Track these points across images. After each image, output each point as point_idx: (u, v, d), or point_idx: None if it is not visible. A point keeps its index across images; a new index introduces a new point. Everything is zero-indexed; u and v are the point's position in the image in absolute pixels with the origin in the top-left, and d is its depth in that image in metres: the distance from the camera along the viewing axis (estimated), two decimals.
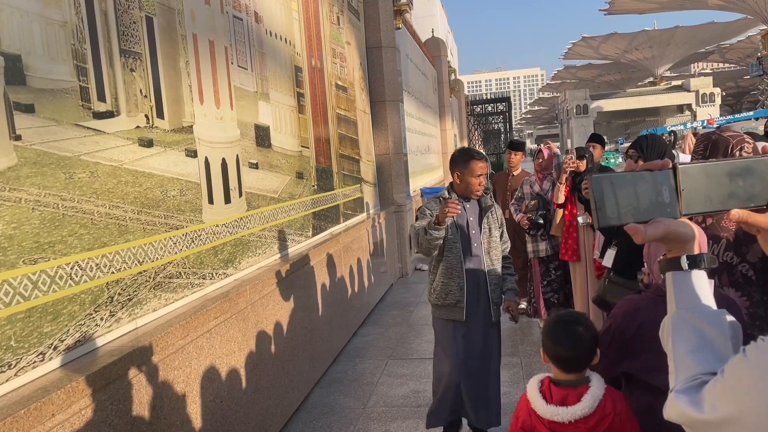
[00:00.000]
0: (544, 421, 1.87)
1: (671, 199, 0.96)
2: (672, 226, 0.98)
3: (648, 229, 0.97)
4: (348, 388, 4.53)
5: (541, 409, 1.87)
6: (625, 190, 0.96)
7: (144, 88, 2.85)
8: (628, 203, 0.96)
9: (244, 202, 3.85)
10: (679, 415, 0.88)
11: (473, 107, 28.70)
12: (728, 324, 0.96)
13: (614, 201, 0.96)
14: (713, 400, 0.82)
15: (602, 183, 0.96)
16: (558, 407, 1.85)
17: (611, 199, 0.96)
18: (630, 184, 0.97)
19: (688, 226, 1.01)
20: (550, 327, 1.99)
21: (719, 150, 2.17)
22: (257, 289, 3.61)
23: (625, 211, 0.96)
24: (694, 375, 0.90)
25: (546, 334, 1.98)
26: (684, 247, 1.01)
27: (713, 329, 0.94)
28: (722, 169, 0.95)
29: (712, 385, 0.84)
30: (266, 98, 4.37)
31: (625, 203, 0.96)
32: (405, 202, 8.53)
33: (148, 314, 2.76)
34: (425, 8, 29.13)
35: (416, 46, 13.62)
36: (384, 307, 6.86)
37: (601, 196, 0.96)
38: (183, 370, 2.74)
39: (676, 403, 0.89)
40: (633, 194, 0.96)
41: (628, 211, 0.96)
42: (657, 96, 55.57)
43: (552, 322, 2.00)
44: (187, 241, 3.12)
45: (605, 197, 0.96)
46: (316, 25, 5.78)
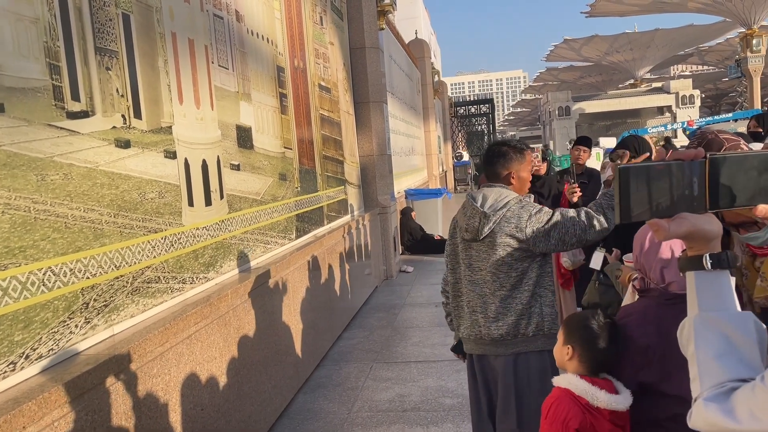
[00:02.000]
0: (604, 414, 1.79)
1: (699, 193, 0.89)
2: (698, 223, 0.92)
3: (671, 226, 0.91)
4: (332, 392, 4.46)
5: (605, 400, 1.78)
6: (652, 182, 0.89)
7: (120, 88, 2.77)
8: (653, 197, 0.89)
9: (225, 204, 3.77)
10: (708, 425, 0.83)
11: (457, 109, 28.78)
12: (754, 327, 0.90)
13: (640, 195, 0.89)
14: (754, 410, 0.77)
15: (629, 174, 0.88)
16: (612, 395, 1.78)
17: (637, 193, 0.88)
18: (660, 175, 0.89)
19: (714, 222, 0.94)
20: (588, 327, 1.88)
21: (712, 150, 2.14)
22: (239, 294, 3.53)
23: (649, 206, 0.89)
24: (721, 382, 0.85)
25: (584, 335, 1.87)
26: (707, 245, 0.95)
27: (739, 333, 0.89)
28: (752, 163, 0.88)
29: (749, 394, 0.79)
30: (248, 98, 4.29)
31: (650, 197, 0.89)
32: (389, 203, 8.48)
33: (126, 320, 2.68)
34: (408, 10, 29.13)
35: (400, 47, 13.58)
36: (369, 310, 6.80)
37: (627, 189, 0.88)
38: (162, 377, 2.66)
39: (704, 412, 0.84)
40: (661, 187, 0.89)
41: (653, 205, 0.89)
42: (638, 98, 56.12)
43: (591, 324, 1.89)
44: (166, 245, 3.04)
45: (631, 190, 0.88)
46: (298, 25, 5.71)
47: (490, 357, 2.66)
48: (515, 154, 2.68)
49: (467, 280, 2.70)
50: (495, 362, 2.64)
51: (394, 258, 8.59)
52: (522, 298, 2.55)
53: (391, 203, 8.64)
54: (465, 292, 2.73)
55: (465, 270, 2.71)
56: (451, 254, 2.82)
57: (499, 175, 2.68)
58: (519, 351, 2.57)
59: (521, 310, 2.55)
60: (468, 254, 2.68)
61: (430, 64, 19.35)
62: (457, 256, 2.77)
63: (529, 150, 2.81)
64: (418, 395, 4.26)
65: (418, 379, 4.56)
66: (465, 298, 2.73)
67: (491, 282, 2.59)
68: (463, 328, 2.75)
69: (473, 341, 2.70)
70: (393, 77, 11.83)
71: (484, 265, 2.61)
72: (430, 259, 9.64)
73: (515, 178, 2.68)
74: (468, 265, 2.68)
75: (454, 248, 2.79)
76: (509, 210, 2.55)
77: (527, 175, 2.74)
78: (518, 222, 2.51)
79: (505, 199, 2.57)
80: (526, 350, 2.57)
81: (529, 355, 2.57)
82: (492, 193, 2.61)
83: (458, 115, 28.57)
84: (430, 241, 10.29)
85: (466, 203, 2.69)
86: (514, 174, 2.67)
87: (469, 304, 2.70)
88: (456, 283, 2.80)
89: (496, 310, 2.58)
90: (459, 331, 2.80)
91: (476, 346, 2.70)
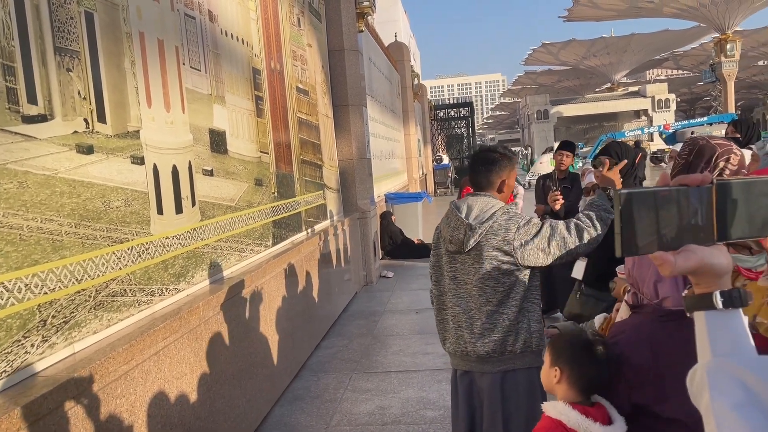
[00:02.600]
0: None
1: (706, 222, 0.80)
2: (706, 256, 0.83)
3: (678, 260, 0.81)
4: (310, 405, 4.32)
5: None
6: (654, 209, 0.79)
7: (83, 90, 2.61)
8: (657, 226, 0.79)
9: (197, 211, 3.62)
10: None
11: (436, 112, 28.79)
12: None
13: (644, 224, 0.78)
14: None
15: (632, 201, 0.78)
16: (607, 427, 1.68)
17: (641, 222, 0.78)
18: (663, 202, 0.79)
19: (723, 255, 0.85)
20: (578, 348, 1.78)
21: (703, 157, 2.06)
22: (212, 305, 3.38)
23: (655, 238, 0.79)
24: None
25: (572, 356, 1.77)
26: (717, 281, 0.85)
27: (759, 380, 0.78)
28: (762, 189, 0.79)
29: None
30: (222, 101, 4.14)
31: (654, 226, 0.79)
32: (369, 208, 8.35)
33: (88, 337, 2.52)
34: (388, 13, 29.08)
35: (379, 50, 13.48)
36: (348, 318, 6.66)
37: (630, 218, 0.78)
38: (127, 398, 2.51)
39: None
40: (666, 215, 0.79)
41: (658, 236, 0.79)
42: (615, 102, 56.80)
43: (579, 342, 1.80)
44: (132, 256, 2.88)
45: (635, 219, 0.78)
46: (275, 26, 5.57)
47: (475, 374, 2.55)
48: (507, 161, 2.58)
49: (452, 294, 2.57)
50: (481, 379, 2.53)
51: (374, 263, 8.47)
52: (509, 314, 2.44)
53: (371, 207, 8.52)
54: (450, 306, 2.60)
55: (450, 283, 2.58)
56: (435, 266, 2.68)
57: (492, 183, 2.56)
58: (506, 368, 2.46)
59: (508, 326, 2.44)
60: (453, 266, 2.56)
61: (409, 67, 19.30)
62: (442, 269, 2.64)
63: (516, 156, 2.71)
64: (398, 407, 4.14)
65: (399, 390, 4.44)
66: (450, 312, 2.60)
67: (477, 296, 2.47)
68: (448, 342, 2.63)
69: (459, 357, 2.59)
70: (372, 80, 11.72)
71: (469, 279, 2.49)
72: (411, 263, 9.54)
73: (506, 186, 2.58)
74: (453, 278, 2.56)
75: (438, 260, 2.66)
76: (495, 222, 2.43)
77: (513, 183, 2.65)
78: (505, 234, 2.41)
79: (491, 210, 2.46)
80: (514, 367, 2.46)
81: (517, 372, 2.46)
82: (477, 202, 2.49)
83: (438, 119, 28.57)
84: (410, 245, 10.19)
85: (450, 213, 2.55)
86: (506, 182, 2.57)
87: (454, 319, 2.57)
88: (441, 296, 2.67)
89: (482, 326, 2.47)
90: (444, 345, 2.68)
91: (462, 362, 2.59)
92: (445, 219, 2.60)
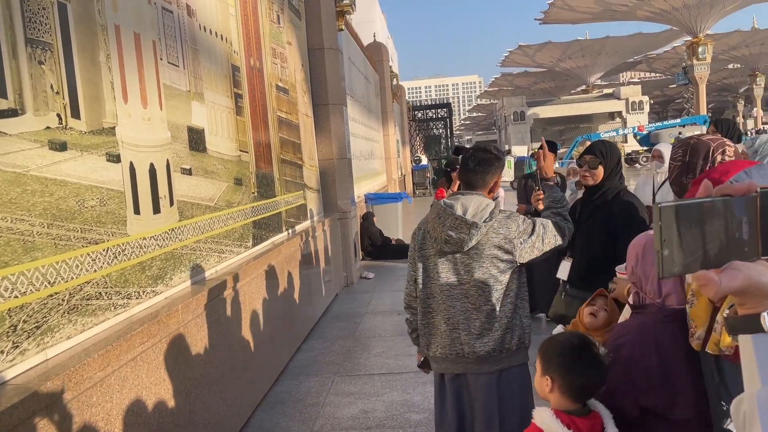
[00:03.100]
0: None
1: (750, 236, 0.73)
2: (753, 274, 0.75)
3: (723, 279, 0.73)
4: (292, 410, 4.22)
5: None
6: (697, 223, 0.71)
7: (56, 84, 2.49)
8: (700, 242, 0.72)
9: (175, 211, 3.51)
10: None
11: (415, 113, 28.81)
12: None
13: (687, 240, 0.71)
14: None
15: (674, 215, 0.70)
16: None
17: (683, 238, 0.71)
18: (706, 215, 0.72)
19: None
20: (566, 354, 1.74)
21: (699, 154, 2.02)
22: (191, 308, 3.27)
23: (698, 255, 0.71)
24: None
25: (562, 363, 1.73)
26: (765, 301, 0.76)
27: None
28: None
29: None
30: (200, 98, 4.03)
31: (696, 242, 0.71)
32: (350, 208, 8.27)
33: (61, 343, 2.40)
34: (365, 13, 28.98)
35: (358, 49, 13.41)
36: (329, 319, 6.57)
37: (672, 234, 0.70)
38: (103, 406, 2.40)
39: None
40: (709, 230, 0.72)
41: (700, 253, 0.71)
42: (590, 103, 57.52)
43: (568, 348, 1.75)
44: (108, 257, 2.76)
45: (674, 235, 0.70)
46: (254, 23, 5.47)
47: (469, 376, 2.49)
48: (499, 162, 2.58)
49: (445, 295, 2.50)
50: (476, 381, 2.48)
51: (354, 264, 8.39)
52: (506, 312, 2.44)
53: (352, 208, 8.45)
54: (441, 308, 2.52)
55: (442, 284, 2.51)
56: (421, 268, 2.59)
57: (487, 183, 2.54)
58: (503, 367, 2.45)
59: (506, 324, 2.44)
60: (446, 267, 2.49)
61: (388, 67, 19.26)
62: (429, 270, 2.56)
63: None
64: (382, 411, 4.07)
65: (382, 393, 4.37)
66: (441, 315, 2.52)
67: (476, 296, 2.44)
68: (435, 346, 2.54)
69: (452, 360, 2.51)
70: (352, 80, 11.65)
71: (467, 278, 2.45)
72: (392, 264, 9.48)
73: (496, 186, 2.58)
74: (446, 279, 2.50)
75: (425, 261, 2.57)
76: (497, 220, 2.43)
77: (500, 183, 2.66)
78: (507, 233, 2.42)
79: (488, 208, 2.45)
80: (509, 365, 2.46)
81: (512, 370, 2.46)
82: (472, 202, 2.46)
83: (416, 119, 28.59)
84: (389, 246, 10.13)
85: (444, 212, 2.47)
86: (497, 182, 2.57)
87: (449, 321, 2.50)
88: (427, 298, 2.58)
89: (481, 325, 2.43)
90: (429, 349, 2.59)
91: (455, 365, 2.51)
92: (436, 219, 2.51)
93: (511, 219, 2.46)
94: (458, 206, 2.45)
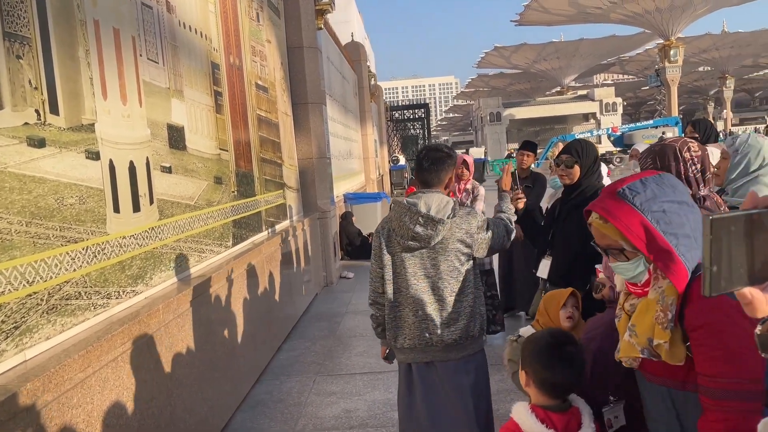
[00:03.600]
0: None
1: None
2: None
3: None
4: (273, 410, 4.19)
5: None
6: (747, 236, 0.68)
7: (34, 79, 2.44)
8: (750, 256, 0.68)
9: (155, 210, 3.46)
10: None
11: (392, 113, 28.82)
12: None
13: (735, 255, 0.67)
14: None
15: (722, 229, 0.67)
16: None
17: (731, 253, 0.67)
18: (756, 227, 0.68)
19: None
20: (541, 351, 1.76)
21: (668, 156, 2.08)
22: (171, 308, 3.23)
23: (745, 269, 0.68)
24: None
25: (537, 360, 1.75)
26: None
27: None
28: None
29: None
30: (180, 96, 3.98)
31: (745, 256, 0.68)
32: (329, 208, 8.25)
33: (41, 343, 2.35)
34: (342, 13, 28.88)
35: (337, 49, 13.37)
36: (309, 319, 6.54)
37: (719, 248, 0.67)
38: (83, 408, 2.35)
39: None
40: (758, 244, 0.68)
41: (747, 267, 0.68)
42: (564, 105, 58.16)
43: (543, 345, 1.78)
44: (88, 256, 2.71)
45: (724, 249, 0.67)
46: (234, 20, 5.42)
47: (437, 363, 2.64)
48: (451, 159, 2.72)
49: (413, 289, 2.63)
50: (444, 367, 2.63)
51: (334, 264, 8.36)
52: (469, 301, 2.63)
53: (331, 207, 8.42)
54: (410, 301, 2.65)
55: (410, 279, 2.64)
56: (387, 264, 2.70)
57: (442, 180, 2.68)
58: (468, 353, 2.63)
59: (469, 312, 2.62)
60: (413, 262, 2.63)
61: (366, 67, 19.22)
62: (397, 266, 2.69)
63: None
64: (365, 410, 4.06)
65: (365, 393, 4.36)
66: (410, 307, 2.65)
67: (442, 288, 2.60)
68: (403, 338, 2.68)
69: (420, 350, 2.65)
70: (331, 79, 11.61)
71: (433, 272, 2.61)
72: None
73: (451, 182, 2.73)
74: (413, 274, 2.64)
75: (392, 258, 2.69)
76: (459, 216, 2.61)
77: (453, 180, 2.80)
78: (468, 227, 2.61)
79: (449, 205, 2.60)
80: (474, 351, 2.65)
81: (476, 355, 2.66)
82: (434, 199, 2.60)
83: (394, 119, 28.61)
84: (368, 245, 10.11)
85: (407, 210, 2.59)
86: (452, 178, 2.73)
87: (417, 313, 2.63)
88: (395, 293, 2.71)
89: (448, 315, 2.60)
90: (396, 341, 2.72)
91: (424, 354, 2.66)
92: (399, 217, 2.62)
93: (471, 215, 2.65)
94: (422, 204, 2.57)
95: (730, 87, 55.04)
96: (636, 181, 1.51)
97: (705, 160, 2.15)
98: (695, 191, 2.13)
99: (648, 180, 1.51)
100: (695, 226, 1.46)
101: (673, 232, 1.44)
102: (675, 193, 1.51)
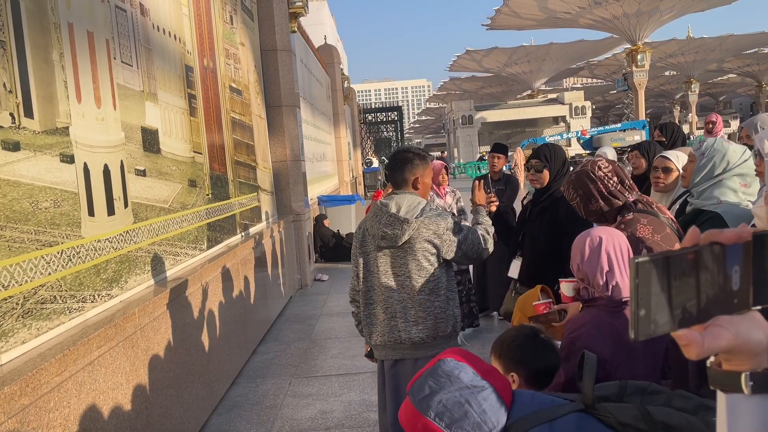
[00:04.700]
0: None
1: (741, 286, 0.64)
2: (741, 332, 0.67)
3: (707, 339, 0.66)
4: (249, 412, 4.20)
5: None
6: (680, 277, 0.63)
7: (8, 82, 2.43)
8: (682, 298, 0.63)
9: (130, 213, 3.45)
10: None
11: (365, 116, 28.88)
12: None
13: (666, 296, 0.62)
14: None
15: (650, 271, 0.62)
16: None
17: (663, 294, 0.62)
18: (691, 268, 0.63)
19: (762, 326, 0.69)
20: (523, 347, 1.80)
21: (584, 181, 2.24)
22: (147, 311, 3.23)
23: (678, 311, 0.63)
24: None
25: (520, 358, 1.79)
26: (752, 359, 0.69)
27: None
28: None
29: None
30: (154, 99, 3.97)
31: (678, 298, 0.63)
32: (303, 210, 8.26)
33: (16, 347, 2.34)
34: (315, 16, 28.86)
35: (310, 51, 13.38)
36: (284, 322, 6.55)
37: (648, 292, 0.61)
38: (60, 411, 2.35)
39: None
40: (692, 283, 0.63)
41: (681, 310, 0.63)
42: (535, 108, 58.84)
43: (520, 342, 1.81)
44: (63, 260, 2.70)
45: (652, 293, 0.62)
46: (207, 23, 5.41)
47: (407, 361, 2.71)
48: (420, 160, 2.79)
49: (384, 287, 2.73)
50: (413, 365, 2.66)
51: (308, 266, 8.37)
52: (439, 302, 2.69)
53: (306, 210, 8.43)
54: (380, 299, 2.75)
55: (381, 277, 2.73)
56: (362, 264, 2.81)
57: (407, 181, 2.77)
58: (437, 352, 2.59)
59: (439, 313, 2.68)
60: (384, 261, 2.73)
61: (340, 69, 19.26)
62: (369, 265, 2.79)
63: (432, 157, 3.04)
64: (341, 411, 4.10)
65: (340, 394, 4.39)
66: (381, 305, 2.75)
67: (410, 287, 2.68)
68: (376, 335, 2.76)
69: (390, 347, 2.73)
70: (304, 81, 11.61)
71: (402, 271, 2.70)
72: (345, 266, 9.49)
73: (420, 184, 2.78)
74: (384, 272, 2.73)
75: (366, 257, 2.80)
76: (427, 216, 2.67)
77: (429, 181, 2.86)
78: (437, 228, 2.66)
79: (419, 206, 2.67)
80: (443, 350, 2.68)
81: None
82: (404, 199, 2.69)
83: (367, 122, 28.68)
84: (342, 247, 10.13)
85: (379, 211, 2.72)
86: (420, 179, 2.77)
87: (387, 311, 2.72)
88: (368, 291, 2.81)
89: (416, 314, 2.67)
90: (371, 338, 2.82)
91: (393, 351, 2.74)
92: (373, 217, 2.75)
93: (441, 217, 2.69)
94: (392, 205, 2.68)
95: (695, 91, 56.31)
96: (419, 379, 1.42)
97: (618, 172, 2.30)
98: (624, 200, 2.25)
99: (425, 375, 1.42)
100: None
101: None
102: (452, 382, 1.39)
